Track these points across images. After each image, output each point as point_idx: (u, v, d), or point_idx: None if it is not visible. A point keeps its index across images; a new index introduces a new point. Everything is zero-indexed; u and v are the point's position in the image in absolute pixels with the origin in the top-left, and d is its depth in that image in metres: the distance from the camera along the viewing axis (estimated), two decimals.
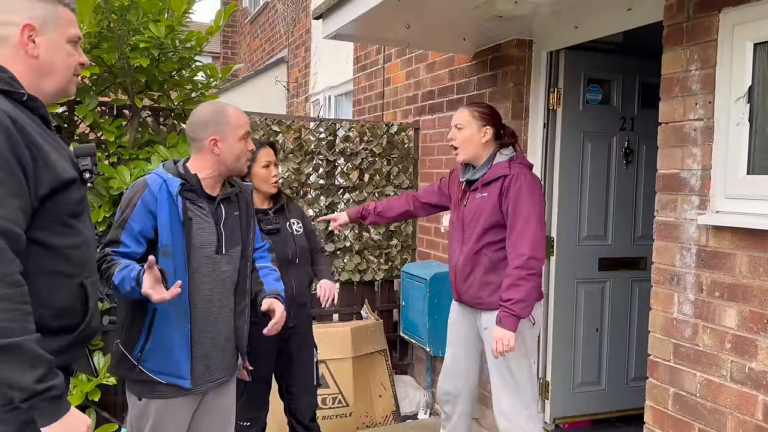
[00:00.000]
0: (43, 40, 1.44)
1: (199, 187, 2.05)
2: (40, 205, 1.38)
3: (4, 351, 1.26)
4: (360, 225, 4.20)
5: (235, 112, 2.11)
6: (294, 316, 2.68)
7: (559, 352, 3.48)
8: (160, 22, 3.12)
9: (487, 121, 2.65)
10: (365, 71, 5.40)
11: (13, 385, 1.29)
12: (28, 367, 1.29)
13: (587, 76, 3.44)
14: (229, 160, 2.09)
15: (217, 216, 2.09)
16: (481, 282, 2.62)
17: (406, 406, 4.07)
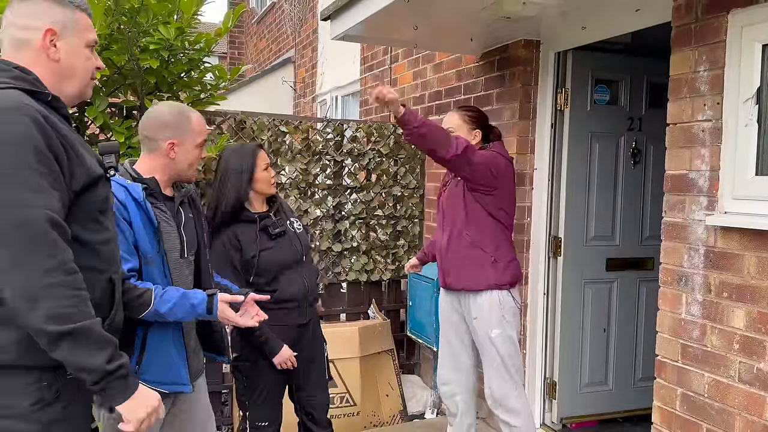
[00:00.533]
0: (64, 45, 1.47)
1: (158, 191, 2.00)
2: (74, 200, 1.41)
3: (74, 335, 1.30)
4: (367, 225, 4.23)
5: (198, 117, 2.06)
6: (306, 313, 2.70)
7: (567, 352, 3.49)
8: (170, 24, 3.14)
9: (476, 124, 2.82)
10: (372, 72, 5.41)
11: (85, 368, 1.33)
12: (97, 349, 1.33)
13: (595, 76, 3.44)
14: (183, 166, 2.03)
15: (178, 219, 2.04)
16: (465, 258, 2.76)
17: (413, 405, 4.08)
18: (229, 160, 2.59)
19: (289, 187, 3.98)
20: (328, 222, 4.12)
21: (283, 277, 2.60)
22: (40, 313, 1.27)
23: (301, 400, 2.77)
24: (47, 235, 1.30)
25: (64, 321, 1.29)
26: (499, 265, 2.76)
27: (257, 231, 2.58)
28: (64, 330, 1.29)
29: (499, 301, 2.75)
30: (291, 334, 2.65)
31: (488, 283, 2.75)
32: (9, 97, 1.33)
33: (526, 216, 3.44)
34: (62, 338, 1.29)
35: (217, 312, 1.94)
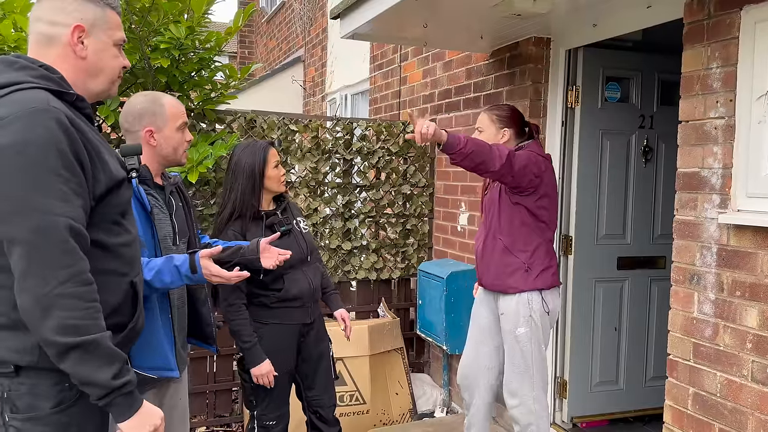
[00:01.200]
0: (92, 42, 1.46)
1: (150, 177, 2.02)
2: (96, 204, 1.40)
3: (82, 348, 1.28)
4: (376, 223, 4.23)
5: (171, 101, 2.07)
6: (311, 312, 2.71)
7: (577, 351, 3.47)
8: (181, 23, 3.16)
9: (506, 123, 2.77)
10: (382, 70, 5.41)
11: (91, 382, 1.31)
12: (105, 363, 1.31)
13: (606, 73, 3.42)
14: (167, 151, 2.05)
15: (170, 206, 2.06)
16: (499, 264, 2.74)
17: (423, 404, 4.08)
18: (240, 157, 2.60)
19: (298, 185, 3.99)
20: (337, 220, 4.12)
21: (287, 276, 2.61)
22: (51, 323, 1.26)
23: (309, 399, 2.77)
24: (66, 243, 1.28)
25: (74, 333, 1.27)
26: (531, 273, 2.71)
27: (263, 228, 2.59)
28: (73, 342, 1.27)
29: (528, 301, 2.71)
30: (296, 333, 2.66)
31: (519, 290, 2.72)
32: (35, 98, 1.32)
33: None
34: (71, 350, 1.27)
35: (201, 270, 1.90)
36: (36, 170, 1.27)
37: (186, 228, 2.14)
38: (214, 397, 3.88)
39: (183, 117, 2.08)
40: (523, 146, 2.75)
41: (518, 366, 2.75)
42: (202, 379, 3.83)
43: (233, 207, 2.56)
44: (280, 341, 2.63)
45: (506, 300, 2.75)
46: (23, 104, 1.30)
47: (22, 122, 1.28)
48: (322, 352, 2.77)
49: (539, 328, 2.72)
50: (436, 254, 4.38)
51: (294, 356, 2.70)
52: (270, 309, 2.60)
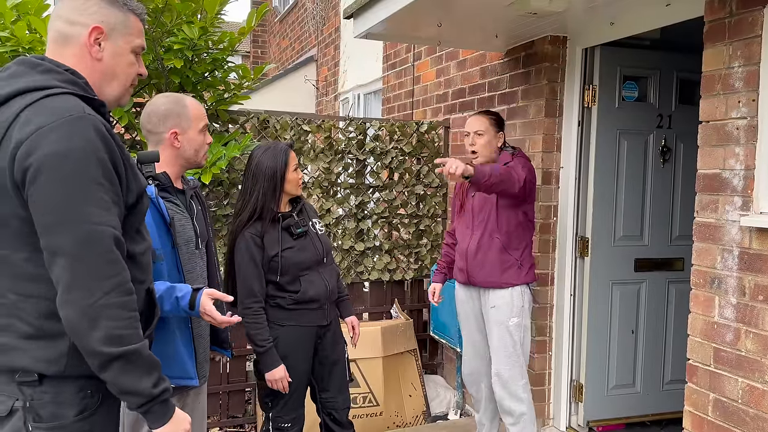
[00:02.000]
0: (109, 46, 1.42)
1: (170, 185, 2.01)
2: (127, 213, 1.39)
3: (125, 358, 1.29)
4: (389, 223, 4.21)
5: (194, 103, 2.06)
6: (328, 314, 2.69)
7: (594, 354, 3.42)
8: (194, 24, 3.15)
9: (500, 127, 2.97)
10: (395, 69, 5.38)
11: (132, 391, 1.31)
12: (146, 372, 1.32)
13: (623, 72, 3.36)
14: (189, 153, 2.03)
15: (191, 210, 2.05)
16: (495, 262, 2.91)
17: (437, 406, 4.05)
18: (261, 160, 2.57)
19: (311, 186, 3.97)
20: (350, 221, 4.10)
21: (304, 278, 2.59)
22: (98, 334, 1.25)
23: (323, 401, 2.75)
24: (111, 254, 1.28)
25: (118, 343, 1.27)
26: (523, 268, 2.95)
27: (279, 230, 2.57)
28: (118, 352, 1.27)
29: (521, 293, 2.93)
30: (312, 335, 2.64)
31: (512, 284, 2.93)
32: (71, 106, 1.29)
33: (552, 215, 3.38)
34: (114, 360, 1.28)
35: (198, 308, 1.88)
36: (78, 180, 1.26)
37: (206, 232, 2.14)
38: (227, 397, 3.87)
39: (205, 119, 2.08)
40: (515, 153, 2.94)
41: (510, 355, 2.91)
42: (216, 380, 3.82)
43: (253, 209, 2.54)
44: (296, 343, 2.61)
45: (499, 293, 2.93)
46: (60, 112, 1.27)
47: (62, 131, 1.25)
48: (337, 354, 2.75)
49: (527, 318, 2.98)
50: None
51: (310, 358, 2.68)
52: (287, 311, 2.59)
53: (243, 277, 2.53)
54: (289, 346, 2.58)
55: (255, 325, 2.53)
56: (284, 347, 2.57)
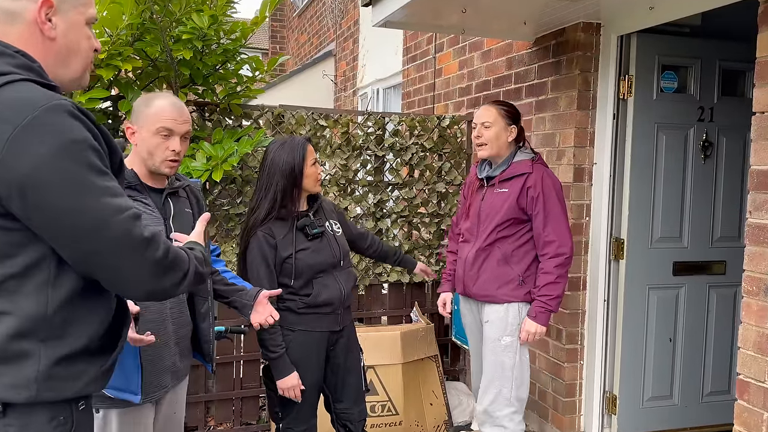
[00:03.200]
0: (61, 21, 1.22)
1: (138, 182, 1.90)
2: None
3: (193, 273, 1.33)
4: (409, 223, 4.03)
5: (164, 104, 1.89)
6: (342, 319, 2.54)
7: (628, 363, 3.21)
8: (203, 12, 2.99)
9: (512, 120, 2.70)
10: (415, 62, 5.18)
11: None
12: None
13: (662, 61, 3.14)
14: (143, 155, 1.90)
15: (165, 211, 1.94)
16: (493, 275, 2.67)
17: (459, 415, 3.86)
18: (277, 155, 2.43)
19: (328, 183, 3.81)
20: (368, 220, 3.93)
21: (317, 281, 2.45)
22: (168, 283, 1.25)
23: (338, 411, 2.61)
24: (142, 236, 1.18)
25: (185, 276, 1.28)
26: (525, 286, 2.66)
27: (294, 230, 2.42)
28: (187, 282, 1.29)
29: (518, 310, 2.66)
30: (324, 341, 2.50)
31: (508, 300, 2.67)
32: (38, 95, 1.12)
33: (585, 215, 3.17)
34: (188, 283, 1.30)
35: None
36: (81, 175, 1.11)
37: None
38: (240, 403, 3.73)
39: (164, 122, 1.88)
40: (534, 158, 2.69)
41: (499, 377, 2.66)
42: (228, 385, 3.69)
43: (269, 208, 2.40)
44: (307, 349, 2.47)
45: (493, 308, 2.68)
46: (31, 104, 1.09)
47: (44, 127, 1.08)
48: (352, 362, 2.61)
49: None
50: None
51: (322, 366, 2.54)
52: (297, 315, 2.45)
53: (254, 278, 2.40)
54: (300, 352, 2.45)
55: (267, 330, 2.39)
56: (295, 354, 2.44)
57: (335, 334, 2.53)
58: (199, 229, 1.60)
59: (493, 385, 2.66)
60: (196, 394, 3.61)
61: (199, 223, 1.63)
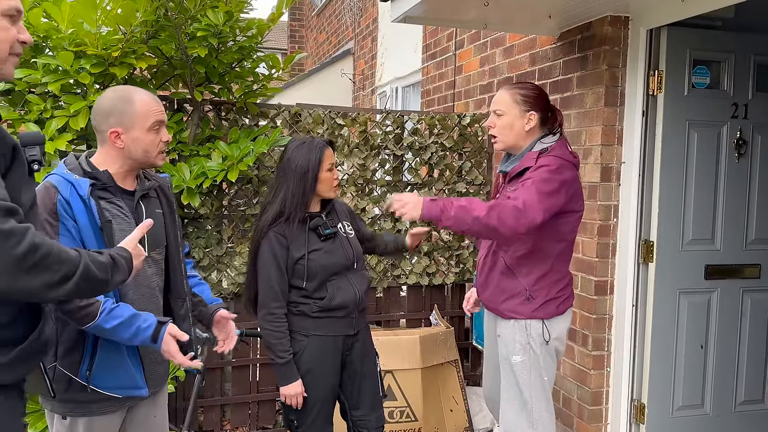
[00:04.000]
0: None
1: (112, 184, 1.85)
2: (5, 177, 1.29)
3: (82, 277, 1.34)
4: (428, 223, 3.92)
5: (144, 97, 1.86)
6: (356, 323, 2.47)
7: (657, 370, 3.08)
8: (218, 9, 2.93)
9: (532, 105, 2.28)
10: (435, 59, 5.08)
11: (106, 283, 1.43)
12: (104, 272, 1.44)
13: (693, 56, 3.00)
14: (137, 154, 1.86)
15: (138, 214, 1.89)
16: (498, 286, 2.37)
17: (480, 421, 3.75)
18: (293, 155, 2.37)
19: (345, 183, 3.73)
20: (386, 221, 3.85)
21: (331, 284, 2.38)
22: (36, 284, 1.23)
23: (354, 419, 2.53)
24: (2, 227, 1.18)
25: (67, 279, 1.28)
26: (533, 302, 2.30)
27: (306, 231, 2.35)
28: (70, 285, 1.29)
29: (525, 327, 2.32)
30: (339, 346, 2.42)
31: (513, 316, 2.34)
32: None
33: (612, 216, 3.05)
34: (72, 287, 1.30)
35: (161, 343, 1.80)
36: None
37: (163, 237, 1.98)
38: (257, 407, 3.68)
39: (157, 115, 1.87)
40: (546, 149, 2.26)
41: (514, 399, 2.36)
42: (245, 389, 3.64)
43: (280, 208, 2.34)
44: (322, 355, 2.40)
45: (502, 323, 2.39)
46: None
47: None
48: (368, 367, 2.53)
49: (539, 358, 2.32)
50: None
51: (338, 372, 2.46)
52: (311, 319, 2.38)
53: (266, 279, 2.34)
54: (316, 358, 2.38)
55: (276, 333, 2.34)
56: (310, 360, 2.37)
57: (350, 339, 2.46)
58: (135, 235, 1.60)
59: (510, 405, 2.38)
60: (212, 397, 3.56)
61: (137, 230, 1.62)
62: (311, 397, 2.38)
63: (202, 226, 3.43)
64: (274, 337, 2.34)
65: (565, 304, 2.37)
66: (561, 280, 2.35)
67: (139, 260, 1.59)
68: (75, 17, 2.75)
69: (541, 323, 2.32)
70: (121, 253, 1.51)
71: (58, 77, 2.80)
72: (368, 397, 2.52)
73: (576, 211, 2.31)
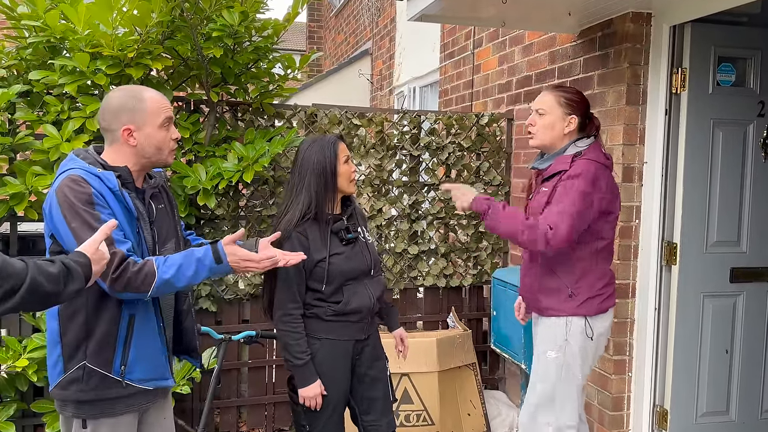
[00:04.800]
0: None
1: (131, 181, 1.86)
2: None
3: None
4: (445, 225, 3.89)
5: (154, 96, 1.88)
6: (367, 327, 2.43)
7: (680, 375, 3.00)
8: (234, 9, 2.92)
9: (574, 109, 2.39)
10: (453, 59, 5.04)
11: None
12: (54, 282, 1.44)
13: (718, 53, 2.92)
14: (150, 152, 1.87)
15: (149, 212, 1.91)
16: (539, 285, 2.45)
17: (498, 425, 3.70)
18: (308, 154, 2.34)
19: (362, 184, 3.70)
20: (403, 222, 3.81)
21: (347, 288, 2.34)
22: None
23: (365, 424, 2.49)
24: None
25: (12, 293, 1.31)
26: (575, 299, 2.37)
27: (329, 234, 2.32)
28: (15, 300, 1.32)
29: (566, 324, 2.39)
30: (348, 350, 2.39)
31: (555, 313, 2.41)
32: None
33: (634, 218, 2.98)
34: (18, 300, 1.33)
35: (226, 258, 1.80)
36: None
37: (171, 232, 2.00)
38: (273, 408, 3.67)
39: (166, 112, 1.90)
40: (580, 152, 2.35)
41: (545, 392, 2.41)
42: (261, 390, 3.64)
43: (304, 209, 2.30)
44: (334, 359, 2.36)
45: (541, 320, 2.47)
46: None
47: None
48: (378, 371, 2.48)
49: (576, 356, 2.38)
50: (512, 260, 3.99)
51: (349, 377, 2.42)
52: (324, 322, 2.34)
53: (286, 280, 2.30)
54: (327, 362, 2.34)
55: (294, 334, 2.30)
56: (321, 364, 2.33)
57: (360, 343, 2.42)
58: (97, 237, 1.56)
59: (536, 396, 2.45)
60: (228, 398, 3.56)
61: (99, 232, 1.58)
62: (323, 401, 2.35)
63: (219, 227, 3.43)
64: (291, 338, 2.31)
65: (607, 302, 2.42)
66: (602, 278, 2.41)
67: (101, 264, 1.55)
68: (91, 18, 2.76)
69: (584, 320, 2.38)
70: (78, 259, 1.47)
71: (74, 78, 2.82)
72: (379, 402, 2.48)
73: (610, 211, 2.38)
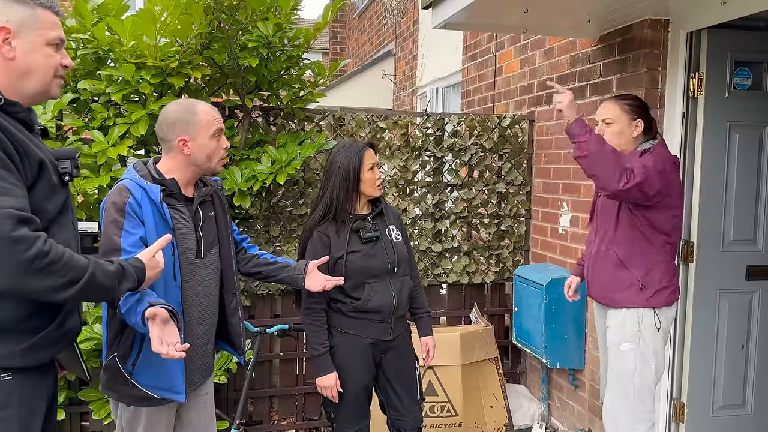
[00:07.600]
0: (20, 43, 1.47)
1: (178, 191, 2.02)
2: (31, 189, 1.45)
3: (86, 287, 1.47)
4: (468, 224, 4.01)
5: (205, 108, 2.05)
6: (393, 329, 2.54)
7: (698, 370, 3.09)
8: (269, 20, 3.08)
9: (638, 114, 2.53)
10: (475, 61, 5.15)
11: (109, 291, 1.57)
12: (111, 281, 1.56)
13: (734, 57, 2.99)
14: (201, 160, 2.03)
15: (196, 219, 2.06)
16: (610, 278, 2.55)
17: (520, 418, 3.82)
18: (336, 158, 2.49)
19: (387, 184, 3.84)
20: (427, 221, 3.94)
21: (369, 286, 2.47)
22: (42, 285, 1.38)
23: (392, 418, 2.64)
24: (9, 235, 1.32)
25: (72, 284, 1.41)
26: (646, 291, 2.49)
27: (349, 232, 2.46)
28: (75, 290, 1.42)
29: (638, 316, 2.51)
30: (371, 348, 2.51)
31: (628, 306, 2.52)
32: None
33: None
34: (77, 291, 1.43)
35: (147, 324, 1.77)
36: None
37: (217, 239, 2.15)
38: (303, 399, 3.82)
39: (218, 124, 2.07)
40: (649, 148, 2.48)
41: (625, 387, 2.51)
42: (291, 381, 3.79)
43: (325, 209, 2.47)
44: (353, 354, 2.49)
45: (613, 313, 2.57)
46: None
47: None
48: (404, 373, 2.60)
49: (649, 346, 2.50)
50: (533, 258, 4.10)
51: (372, 372, 2.55)
52: (347, 318, 2.48)
53: None
54: (346, 356, 2.48)
55: (313, 326, 2.47)
56: (341, 356, 2.47)
57: (384, 344, 2.53)
58: (153, 248, 1.70)
59: (616, 391, 2.54)
60: (261, 389, 3.73)
61: (156, 243, 1.72)
62: (343, 391, 2.48)
63: (252, 225, 3.60)
64: (310, 330, 2.46)
65: (674, 294, 2.55)
66: (668, 271, 2.53)
67: (155, 272, 1.67)
68: (135, 31, 2.93)
69: (653, 312, 2.50)
70: (134, 263, 1.62)
71: (120, 87, 3.00)
72: (404, 399, 2.59)
73: (676, 206, 2.50)
